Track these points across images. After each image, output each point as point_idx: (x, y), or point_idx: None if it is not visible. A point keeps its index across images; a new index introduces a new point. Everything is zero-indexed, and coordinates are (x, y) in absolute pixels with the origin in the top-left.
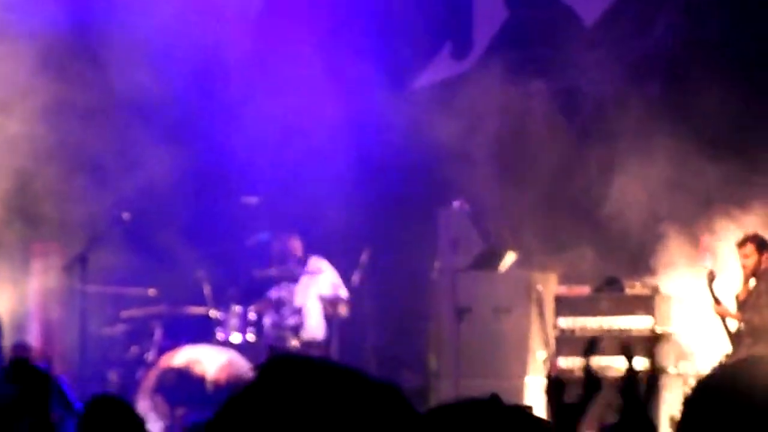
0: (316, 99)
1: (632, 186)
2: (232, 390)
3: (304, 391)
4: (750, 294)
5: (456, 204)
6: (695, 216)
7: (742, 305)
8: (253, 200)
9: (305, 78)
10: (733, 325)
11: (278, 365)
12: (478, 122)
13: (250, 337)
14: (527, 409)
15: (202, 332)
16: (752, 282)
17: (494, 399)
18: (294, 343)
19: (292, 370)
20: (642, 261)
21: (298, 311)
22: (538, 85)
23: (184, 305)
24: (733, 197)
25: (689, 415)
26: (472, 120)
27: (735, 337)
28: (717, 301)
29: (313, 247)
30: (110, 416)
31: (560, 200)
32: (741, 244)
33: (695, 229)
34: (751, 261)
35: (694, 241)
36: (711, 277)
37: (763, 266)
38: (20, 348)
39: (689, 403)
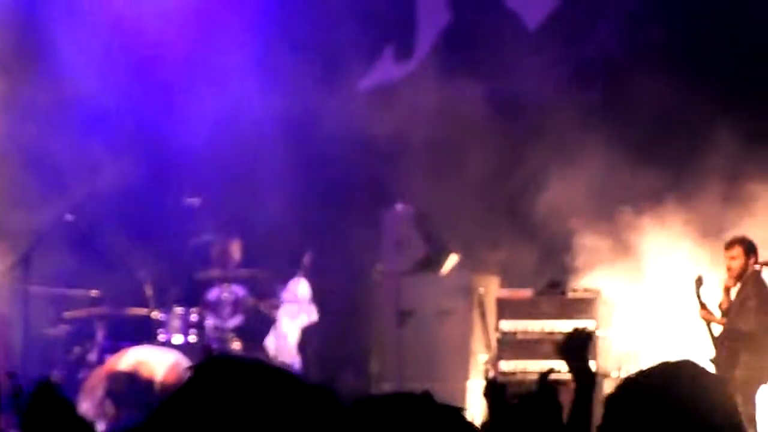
0: (258, 101)
1: (565, 189)
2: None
3: (238, 391)
4: (735, 299)
5: (399, 206)
6: (627, 220)
7: (726, 311)
8: (195, 201)
9: (248, 81)
10: (717, 330)
11: (213, 366)
12: (420, 124)
13: (192, 338)
14: (458, 410)
15: (144, 333)
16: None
17: (425, 396)
18: (235, 345)
19: (227, 370)
20: (570, 264)
21: (268, 327)
22: (481, 88)
23: (126, 306)
24: (665, 202)
25: (609, 413)
26: (414, 122)
27: (717, 341)
28: (703, 306)
29: (256, 249)
30: (52, 401)
31: (499, 203)
32: (729, 246)
33: (625, 232)
34: (737, 263)
35: (625, 243)
36: (699, 283)
37: (749, 270)
38: None
39: (611, 401)
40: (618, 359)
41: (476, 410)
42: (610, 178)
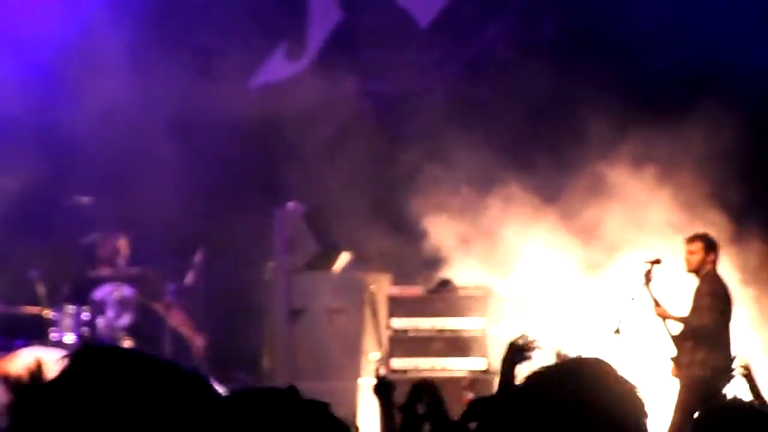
0: (149, 99)
1: (442, 185)
2: None
3: (109, 378)
4: (693, 296)
5: (291, 204)
6: (501, 221)
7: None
8: (86, 200)
9: (134, 77)
10: (675, 327)
11: (86, 354)
12: (312, 123)
13: (85, 337)
14: (326, 406)
15: (36, 332)
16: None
17: (291, 390)
18: (127, 343)
19: (100, 358)
20: (448, 260)
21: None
22: (368, 85)
23: (17, 305)
24: (541, 201)
25: (506, 412)
26: (305, 121)
27: (677, 340)
28: (656, 303)
29: (147, 247)
30: None
31: (385, 200)
32: (690, 240)
33: (501, 233)
34: (696, 258)
35: (498, 243)
36: (648, 278)
37: (706, 267)
38: None
39: (509, 399)
40: None
41: (368, 408)
42: (487, 173)
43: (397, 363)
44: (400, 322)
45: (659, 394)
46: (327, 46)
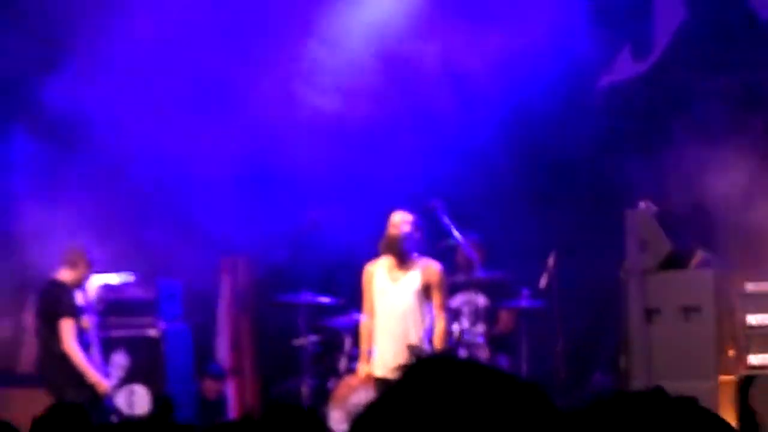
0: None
1: None
2: None
3: (450, 390)
4: None
5: (642, 204)
6: None
7: None
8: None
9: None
10: None
11: (425, 366)
12: (658, 121)
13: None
14: (695, 402)
15: None
16: None
17: (659, 391)
18: (483, 351)
19: (439, 370)
20: None
21: None
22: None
23: None
24: None
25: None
26: (652, 119)
27: None
28: None
29: (500, 251)
30: None
31: None
32: None
33: None
34: None
35: None
36: None
37: None
38: None
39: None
40: None
41: (727, 407)
42: None
43: (755, 359)
44: (755, 318)
45: None
46: (671, 45)
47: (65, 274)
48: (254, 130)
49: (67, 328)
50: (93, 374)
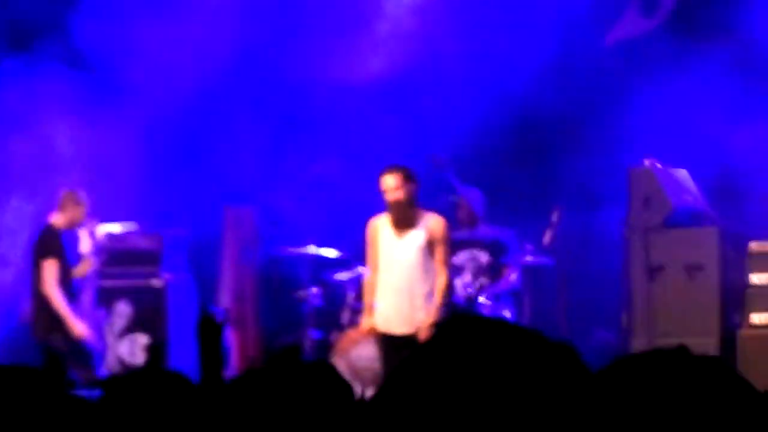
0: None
1: None
2: None
3: (482, 348)
4: None
5: (646, 161)
6: None
7: None
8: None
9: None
10: None
11: (457, 324)
12: (664, 79)
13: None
14: (720, 361)
15: None
16: None
17: (682, 349)
18: (484, 302)
19: (471, 328)
20: None
21: None
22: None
23: None
24: None
25: None
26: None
27: None
28: None
29: (503, 207)
30: None
31: None
32: None
33: None
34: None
35: None
36: None
37: None
38: None
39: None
40: None
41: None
42: None
43: (757, 318)
44: (759, 278)
45: None
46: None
47: (55, 217)
48: (264, 82)
49: (48, 270)
50: (69, 317)
